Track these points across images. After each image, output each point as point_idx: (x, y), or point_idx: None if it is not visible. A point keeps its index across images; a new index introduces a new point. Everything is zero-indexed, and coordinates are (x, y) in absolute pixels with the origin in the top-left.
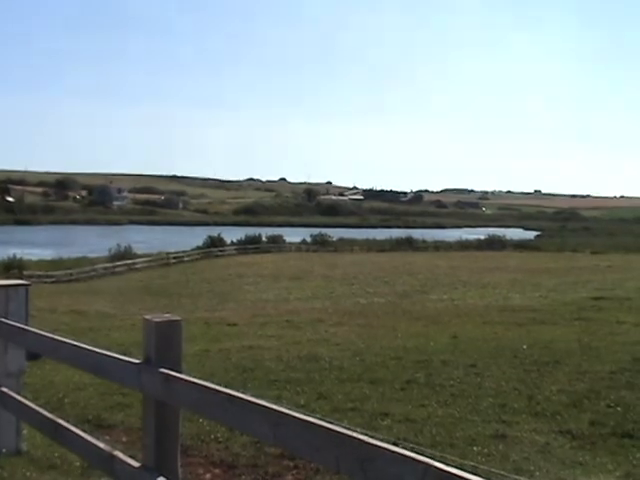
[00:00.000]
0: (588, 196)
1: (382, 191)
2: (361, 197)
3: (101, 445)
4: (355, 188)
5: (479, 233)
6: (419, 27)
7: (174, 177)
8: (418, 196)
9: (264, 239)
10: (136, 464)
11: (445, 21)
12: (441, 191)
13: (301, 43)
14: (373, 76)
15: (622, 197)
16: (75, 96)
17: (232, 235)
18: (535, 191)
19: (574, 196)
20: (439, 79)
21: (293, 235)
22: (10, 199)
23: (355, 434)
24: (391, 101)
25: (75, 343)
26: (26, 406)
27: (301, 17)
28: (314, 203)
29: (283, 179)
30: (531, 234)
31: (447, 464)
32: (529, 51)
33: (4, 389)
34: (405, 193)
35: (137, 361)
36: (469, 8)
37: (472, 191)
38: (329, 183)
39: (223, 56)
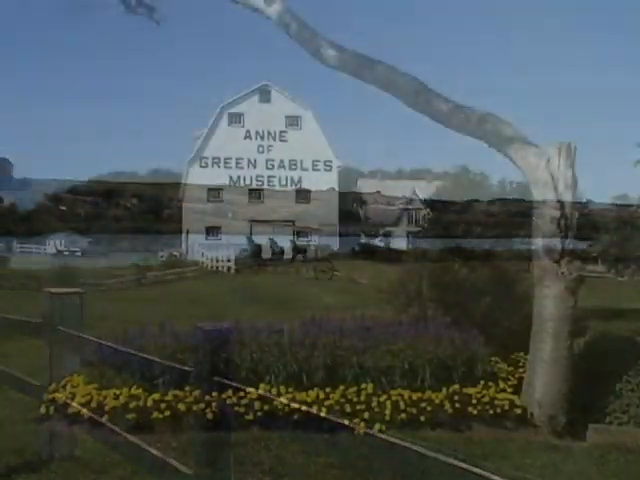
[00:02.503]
0: None
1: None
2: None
3: (153, 451)
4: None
5: None
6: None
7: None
8: None
9: None
10: (188, 471)
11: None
12: None
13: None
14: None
15: None
16: (124, 106)
17: None
18: None
19: None
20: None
21: None
22: (62, 207)
23: None
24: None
25: (128, 350)
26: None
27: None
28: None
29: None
30: None
31: None
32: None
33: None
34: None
35: (188, 369)
36: None
37: None
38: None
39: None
